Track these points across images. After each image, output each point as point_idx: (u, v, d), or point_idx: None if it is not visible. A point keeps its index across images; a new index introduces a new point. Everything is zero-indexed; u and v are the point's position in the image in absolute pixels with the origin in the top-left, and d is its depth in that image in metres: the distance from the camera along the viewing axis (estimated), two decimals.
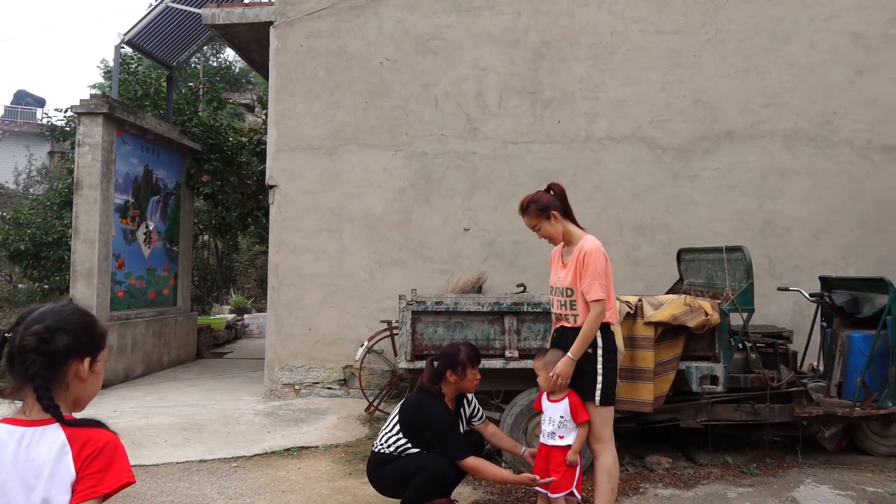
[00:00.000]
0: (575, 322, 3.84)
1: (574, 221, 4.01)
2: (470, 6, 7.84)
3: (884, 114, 7.47)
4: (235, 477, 5.09)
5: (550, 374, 3.77)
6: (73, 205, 8.63)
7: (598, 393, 3.76)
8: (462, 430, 4.01)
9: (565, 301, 3.90)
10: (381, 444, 3.92)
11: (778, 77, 7.58)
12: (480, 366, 4.07)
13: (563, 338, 3.88)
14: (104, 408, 7.23)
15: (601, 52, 7.72)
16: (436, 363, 3.99)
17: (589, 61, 7.72)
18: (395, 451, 3.86)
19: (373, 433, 6.21)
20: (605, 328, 3.83)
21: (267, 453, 5.68)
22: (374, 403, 6.83)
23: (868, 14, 7.54)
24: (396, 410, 4.00)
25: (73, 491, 1.50)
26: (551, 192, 3.97)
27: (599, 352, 3.78)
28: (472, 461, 3.79)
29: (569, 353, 3.73)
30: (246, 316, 16.04)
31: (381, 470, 3.90)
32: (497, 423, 5.10)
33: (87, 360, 1.63)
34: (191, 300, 11.74)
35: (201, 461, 5.46)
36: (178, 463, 5.42)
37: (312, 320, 7.76)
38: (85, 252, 8.48)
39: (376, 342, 7.12)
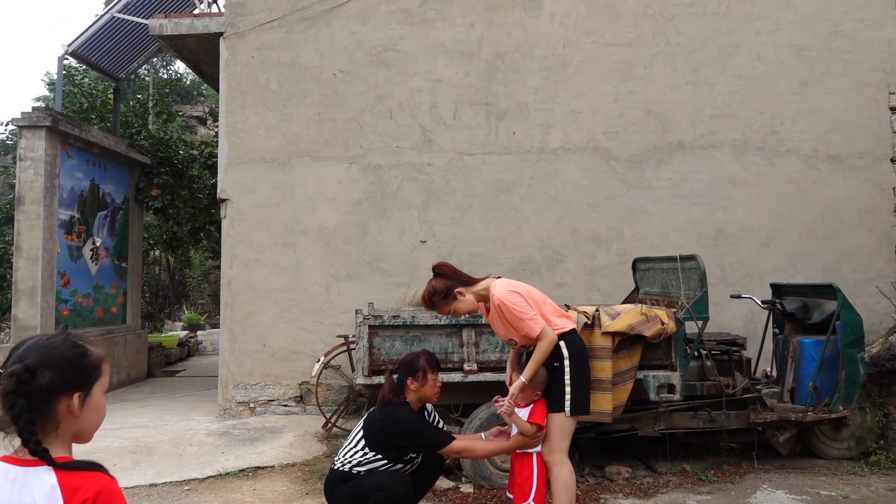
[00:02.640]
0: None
1: (474, 281, 3.97)
2: (423, 18, 7.82)
3: (828, 124, 7.68)
4: (188, 500, 4.92)
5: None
6: (15, 221, 8.33)
7: (567, 404, 3.77)
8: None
9: (516, 347, 4.02)
10: (340, 462, 3.82)
11: (726, 88, 7.74)
12: (440, 379, 4.01)
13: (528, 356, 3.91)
14: None
15: (554, 63, 7.78)
16: (395, 375, 3.92)
17: (542, 73, 7.77)
18: (352, 467, 3.76)
19: (330, 450, 6.09)
20: (570, 335, 3.83)
21: (221, 475, 5.51)
22: (332, 420, 6.71)
23: (811, 27, 7.76)
24: (360, 426, 3.90)
25: None
26: (440, 276, 3.94)
27: (566, 363, 3.78)
28: (459, 444, 3.76)
29: (521, 377, 3.78)
30: (199, 332, 15.69)
31: (338, 489, 3.79)
32: None
33: (77, 395, 1.50)
34: (141, 317, 11.43)
35: (152, 485, 5.27)
36: (127, 488, 5.22)
37: (267, 336, 7.60)
38: (27, 270, 8.19)
39: (333, 357, 7.00)
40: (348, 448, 3.82)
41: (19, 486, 1.43)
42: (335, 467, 3.83)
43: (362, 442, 3.78)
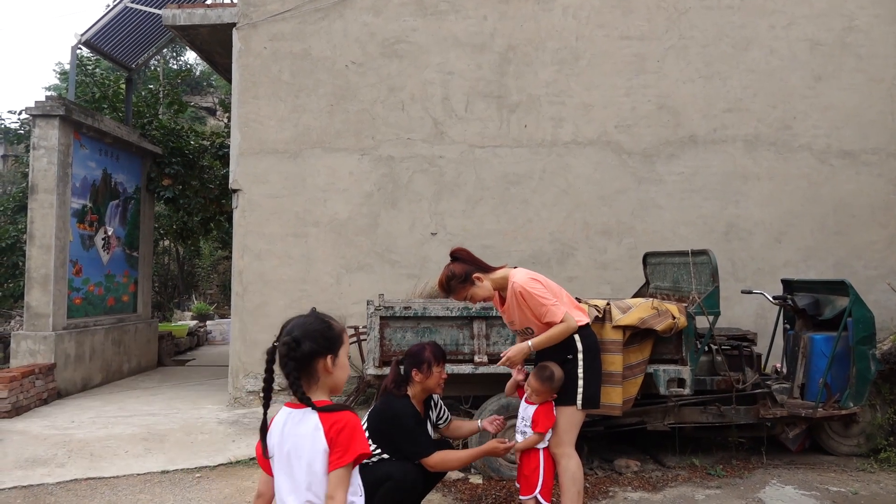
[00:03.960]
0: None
1: (491, 269, 3.96)
2: (436, 10, 7.81)
3: (841, 119, 7.64)
4: (199, 488, 4.97)
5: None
6: (28, 209, 8.37)
7: (579, 397, 3.78)
8: (432, 436, 3.95)
9: (531, 337, 3.95)
10: None
11: (739, 83, 7.70)
12: (449, 371, 4.02)
13: (542, 355, 3.90)
14: (61, 418, 7.03)
15: (567, 56, 7.76)
16: (401, 365, 3.93)
17: (555, 66, 7.76)
18: None
19: None
20: (585, 329, 3.84)
21: (231, 463, 5.55)
22: None
23: (825, 21, 7.71)
24: (365, 418, 3.93)
25: (328, 459, 2.00)
26: (458, 260, 3.92)
27: (580, 356, 3.80)
28: (435, 458, 3.69)
29: (529, 342, 3.75)
30: (208, 322, 15.76)
31: None
32: None
33: (329, 357, 2.10)
34: (151, 307, 11.49)
35: (163, 472, 5.32)
36: (139, 475, 5.27)
37: (278, 326, 7.48)
38: (40, 258, 8.24)
39: None
40: None
41: (297, 423, 2.07)
42: None
43: (366, 434, 3.81)
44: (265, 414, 2.16)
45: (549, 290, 3.81)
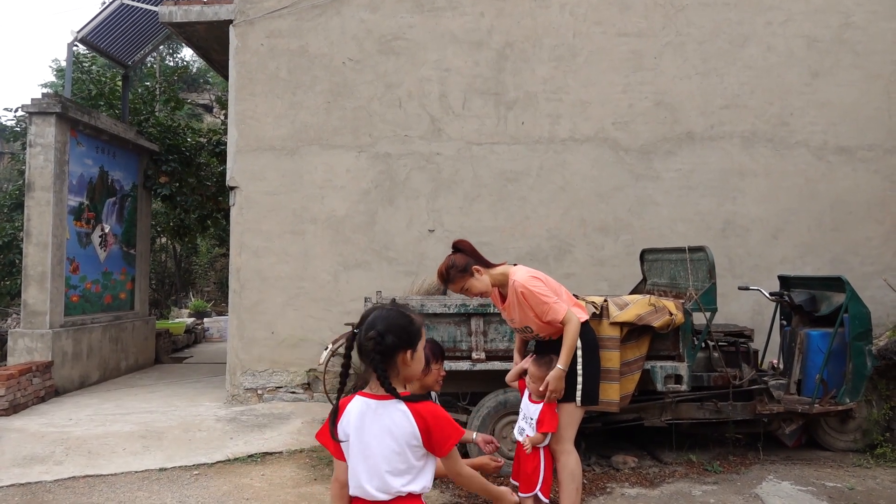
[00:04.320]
0: (549, 338, 3.89)
1: (492, 265, 3.96)
2: (433, 7, 7.81)
3: (838, 116, 7.65)
4: (197, 485, 4.97)
5: (541, 388, 3.75)
6: (25, 207, 8.35)
7: (579, 393, 3.80)
8: None
9: (530, 335, 3.98)
10: None
11: (736, 79, 7.71)
12: (447, 367, 4.02)
13: (542, 345, 3.90)
14: (59, 416, 7.03)
15: (564, 53, 7.76)
16: None
17: (552, 63, 7.76)
18: None
19: None
20: (584, 325, 3.85)
21: (230, 460, 5.56)
22: None
23: (822, 18, 7.71)
24: None
25: (424, 447, 2.12)
26: (460, 252, 3.91)
27: (579, 353, 3.81)
28: None
29: (558, 365, 3.72)
30: (206, 319, 15.76)
31: None
32: (464, 425, 5.08)
33: (409, 351, 2.16)
34: (149, 304, 11.47)
35: (161, 469, 5.33)
36: (137, 472, 5.28)
37: (275, 324, 7.65)
38: (37, 256, 8.22)
39: (341, 345, 7.03)
40: None
41: (378, 413, 2.13)
42: None
43: None
44: (338, 399, 2.23)
45: (550, 288, 3.82)
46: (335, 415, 2.21)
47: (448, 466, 2.23)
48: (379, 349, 2.12)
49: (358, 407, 2.18)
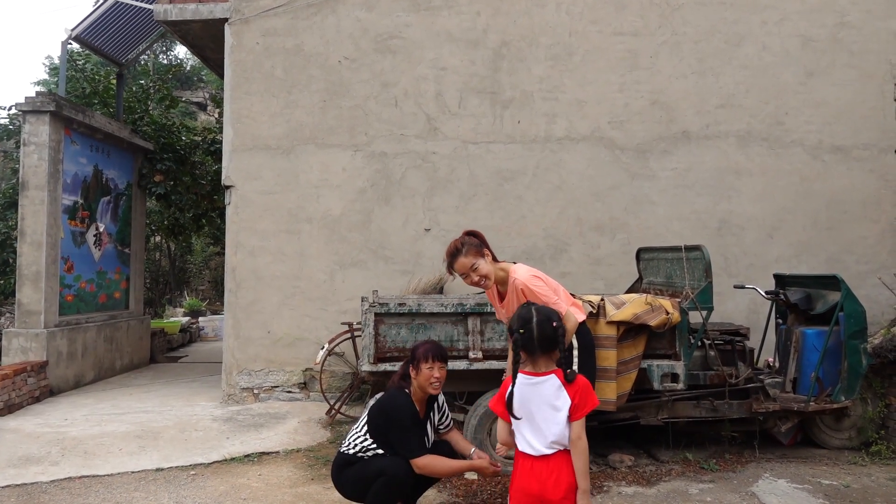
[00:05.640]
0: None
1: (496, 260, 3.97)
2: (429, 5, 7.80)
3: (833, 115, 7.67)
4: (194, 485, 4.96)
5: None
6: (19, 206, 8.31)
7: None
8: (431, 438, 3.94)
9: None
10: (347, 445, 3.85)
11: (732, 78, 7.73)
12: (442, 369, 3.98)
13: None
14: (54, 416, 7.01)
15: (560, 52, 7.76)
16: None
17: (548, 62, 7.76)
18: (357, 451, 3.80)
19: (335, 437, 6.13)
20: (581, 325, 3.86)
21: (226, 460, 5.55)
22: (336, 407, 6.75)
23: (818, 17, 7.73)
24: (366, 411, 3.94)
25: (569, 412, 2.82)
26: (473, 236, 3.92)
27: (575, 352, 3.82)
28: (424, 460, 3.69)
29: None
30: (200, 319, 15.73)
31: (344, 472, 3.83)
32: (461, 424, 5.09)
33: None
34: (143, 303, 11.44)
35: (158, 470, 5.31)
36: (133, 472, 5.26)
37: (271, 323, 7.63)
38: (32, 255, 8.19)
39: (337, 344, 7.04)
40: (354, 432, 3.87)
41: (537, 386, 2.86)
42: (342, 450, 3.87)
43: (365, 428, 3.82)
44: (514, 380, 2.90)
45: (550, 287, 3.83)
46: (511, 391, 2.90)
47: (574, 433, 2.85)
48: (558, 339, 2.91)
49: (521, 380, 2.86)
